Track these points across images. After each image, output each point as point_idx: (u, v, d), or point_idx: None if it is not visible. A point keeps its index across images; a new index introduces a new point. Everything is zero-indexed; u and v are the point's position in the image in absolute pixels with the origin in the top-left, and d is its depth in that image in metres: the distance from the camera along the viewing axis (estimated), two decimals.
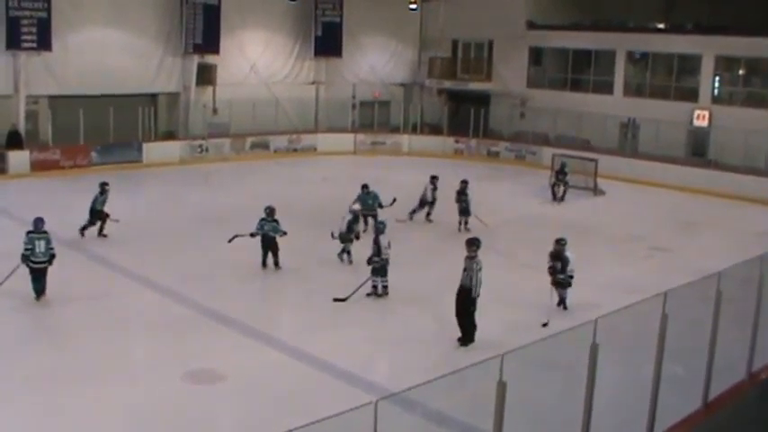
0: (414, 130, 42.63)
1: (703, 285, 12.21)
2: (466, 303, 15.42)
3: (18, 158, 32.55)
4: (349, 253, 20.69)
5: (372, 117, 43.15)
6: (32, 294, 17.22)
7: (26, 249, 17.49)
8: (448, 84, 44.15)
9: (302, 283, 19.27)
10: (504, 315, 17.54)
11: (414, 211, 26.43)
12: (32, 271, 17.39)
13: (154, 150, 36.09)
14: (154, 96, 38.25)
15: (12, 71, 33.35)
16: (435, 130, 42.93)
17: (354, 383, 13.31)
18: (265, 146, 39.59)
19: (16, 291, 17.14)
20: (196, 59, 38.11)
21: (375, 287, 17.93)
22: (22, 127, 33.65)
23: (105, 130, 34.17)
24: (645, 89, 38.64)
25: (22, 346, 15.30)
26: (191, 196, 29.95)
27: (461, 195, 25.95)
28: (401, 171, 35.81)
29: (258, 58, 40.36)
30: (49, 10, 33.19)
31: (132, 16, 36.44)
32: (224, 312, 16.86)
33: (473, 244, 15.94)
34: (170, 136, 38.38)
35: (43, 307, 16.94)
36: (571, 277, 18.20)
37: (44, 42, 33.38)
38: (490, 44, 43.30)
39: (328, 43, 41.93)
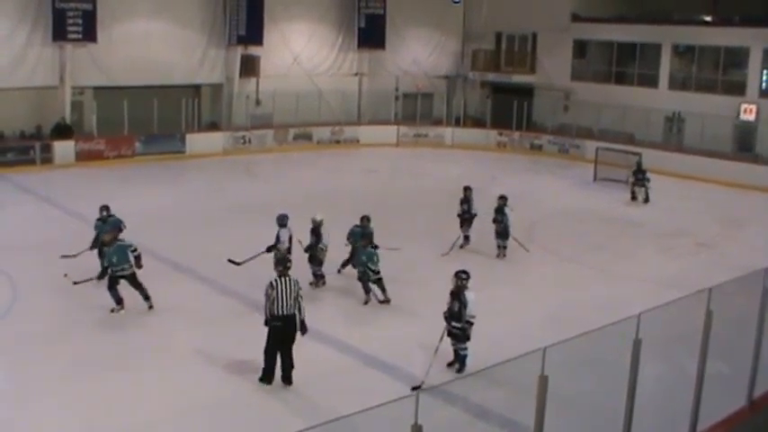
0: (457, 123, 42.49)
1: (749, 281, 12.05)
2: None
3: (63, 148, 32.89)
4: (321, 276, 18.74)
5: (415, 109, 43.05)
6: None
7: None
8: (491, 76, 43.93)
9: (348, 274, 19.07)
10: (546, 310, 17.43)
11: (459, 239, 22.18)
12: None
13: (197, 141, 36.32)
14: (197, 87, 38.46)
15: (58, 63, 33.65)
16: (478, 122, 42.74)
17: (397, 377, 13.27)
18: (308, 137, 39.67)
19: (58, 278, 17.27)
20: (240, 51, 38.20)
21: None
22: (67, 117, 33.99)
23: (149, 121, 34.46)
24: (690, 83, 38.17)
25: (65, 333, 15.43)
26: (233, 187, 30.09)
27: (499, 214, 21.68)
28: (444, 164, 35.77)
29: (301, 50, 40.39)
30: (94, 2, 33.47)
31: (177, 8, 36.66)
32: (254, 298, 16.71)
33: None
34: (213, 127, 38.58)
35: (84, 295, 17.06)
36: (469, 323, 13.84)
37: (90, 34, 33.65)
38: (534, 36, 43.01)
39: (371, 35, 41.88)
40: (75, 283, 16.81)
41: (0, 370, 14.19)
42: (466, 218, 22.14)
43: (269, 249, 17.90)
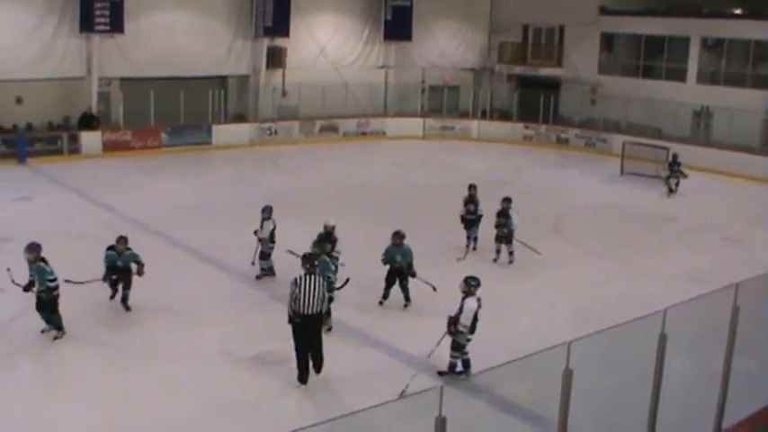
0: (483, 116, 42.37)
1: None
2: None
3: (90, 139, 33.11)
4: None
5: (442, 102, 43.00)
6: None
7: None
8: (518, 69, 43.80)
9: (372, 268, 18.92)
10: (571, 304, 17.37)
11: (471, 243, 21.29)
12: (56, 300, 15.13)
13: (223, 132, 36.44)
14: (224, 79, 38.55)
15: (85, 54, 33.82)
16: (505, 115, 42.59)
17: (423, 369, 13.24)
18: (334, 129, 39.71)
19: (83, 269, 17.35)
20: (266, 42, 38.27)
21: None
22: (94, 109, 34.17)
23: (176, 112, 34.59)
24: (719, 76, 37.85)
25: (89, 326, 15.51)
26: (259, 178, 30.16)
27: (503, 218, 20.21)
28: (470, 157, 35.71)
29: (328, 42, 40.39)
30: None
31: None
32: (284, 291, 16.70)
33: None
34: (239, 118, 38.66)
35: (106, 291, 17.18)
36: (460, 332, 13.35)
37: (117, 25, 33.77)
38: (561, 29, 42.81)
39: (398, 27, 41.80)
40: (69, 281, 15.76)
41: (25, 362, 14.31)
42: (471, 219, 21.07)
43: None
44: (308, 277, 13.20)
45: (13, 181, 28.07)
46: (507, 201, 20.28)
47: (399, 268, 16.58)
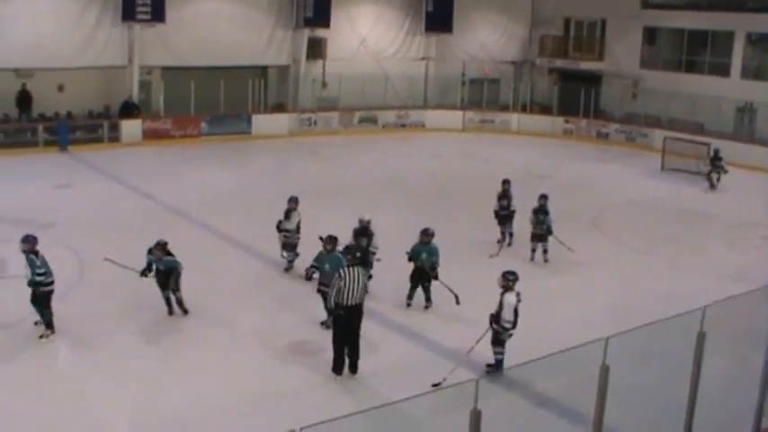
0: (523, 109, 42.10)
1: None
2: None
3: (131, 127, 33.36)
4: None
5: (482, 94, 42.82)
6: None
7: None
8: (559, 62, 43.44)
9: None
10: (609, 300, 17.27)
11: (506, 238, 20.97)
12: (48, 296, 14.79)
13: (263, 122, 36.57)
14: (264, 69, 38.65)
15: (126, 43, 34.04)
16: (545, 109, 42.34)
17: (461, 363, 13.18)
18: (373, 121, 39.71)
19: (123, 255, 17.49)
20: (306, 33, 38.28)
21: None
22: (135, 97, 34.42)
23: (215, 102, 34.74)
24: (764, 72, 37.34)
25: (128, 311, 15.62)
26: (298, 169, 30.22)
27: (539, 215, 19.68)
28: (509, 150, 35.58)
29: (368, 33, 40.33)
30: None
31: None
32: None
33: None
34: (279, 108, 38.75)
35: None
36: (503, 328, 13.28)
37: (158, 14, 33.97)
38: (603, 23, 42.43)
39: (439, 19, 41.63)
40: (109, 260, 16.07)
41: (66, 345, 14.45)
42: (504, 214, 20.79)
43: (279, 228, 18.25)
44: (351, 269, 13.20)
45: (54, 168, 28.39)
46: (544, 198, 19.80)
47: (422, 268, 16.20)
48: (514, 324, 13.16)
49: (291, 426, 6.85)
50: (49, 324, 14.40)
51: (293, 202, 18.40)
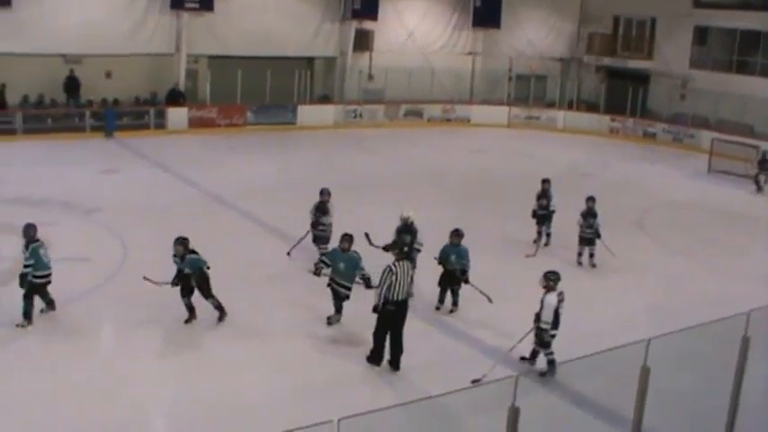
0: (569, 107, 41.89)
1: None
2: None
3: (177, 115, 33.58)
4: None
5: (528, 91, 42.64)
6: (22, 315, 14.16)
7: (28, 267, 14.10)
8: (607, 60, 43.10)
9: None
10: (651, 301, 17.09)
11: (542, 238, 20.53)
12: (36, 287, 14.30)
13: (308, 113, 36.64)
14: (311, 60, 38.75)
15: (174, 31, 34.29)
16: (591, 107, 42.06)
17: (502, 361, 13.11)
18: (419, 114, 39.66)
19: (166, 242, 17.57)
20: (354, 25, 38.32)
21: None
22: (182, 85, 34.66)
23: (261, 92, 34.89)
24: None
25: (170, 297, 15.67)
26: (343, 160, 30.24)
27: (588, 218, 19.11)
28: (555, 147, 35.37)
29: (415, 27, 40.30)
30: None
31: None
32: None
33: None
34: (325, 100, 38.85)
35: None
36: (542, 329, 13.18)
37: (207, 3, 34.20)
38: (653, 21, 42.02)
39: (487, 14, 41.49)
40: (148, 279, 14.85)
41: (107, 329, 14.57)
42: (543, 214, 20.28)
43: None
44: (400, 263, 13.17)
45: (100, 154, 28.70)
46: (592, 200, 19.20)
47: (452, 271, 15.75)
48: (555, 325, 13.05)
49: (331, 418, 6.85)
50: (25, 314, 14.02)
51: (327, 194, 18.22)
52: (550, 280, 13.15)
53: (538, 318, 13.12)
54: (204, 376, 12.67)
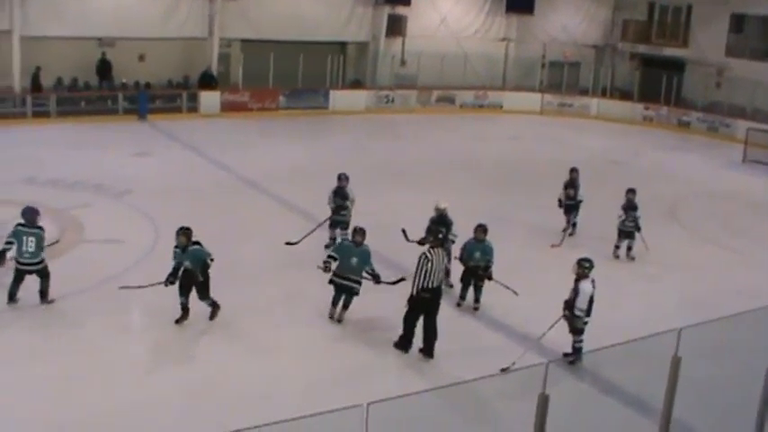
0: (603, 94, 41.57)
1: None
2: None
3: (209, 99, 33.68)
4: None
5: (561, 78, 42.34)
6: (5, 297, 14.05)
7: (7, 243, 13.84)
8: (641, 48, 42.73)
9: None
10: (682, 291, 16.97)
11: (569, 228, 20.09)
12: (16, 271, 13.96)
13: (340, 98, 36.65)
14: (343, 45, 38.75)
15: (207, 15, 34.35)
16: (625, 95, 41.72)
17: (532, 348, 13.05)
18: (451, 100, 39.55)
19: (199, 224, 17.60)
20: (387, 10, 38.22)
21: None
22: (214, 69, 34.74)
23: (294, 76, 34.93)
24: None
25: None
26: (375, 146, 30.22)
27: (629, 211, 18.71)
28: (588, 135, 35.21)
29: (449, 12, 40.13)
30: None
31: None
32: (396, 261, 16.51)
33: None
34: (357, 85, 38.83)
35: (223, 241, 17.43)
36: (576, 316, 13.02)
37: None
38: (689, 8, 41.56)
39: (521, 0, 41.28)
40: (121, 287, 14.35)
41: (138, 312, 14.61)
42: (570, 204, 19.87)
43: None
44: (435, 251, 13.10)
45: (133, 136, 28.85)
46: (632, 192, 18.76)
47: (475, 267, 15.18)
48: (588, 312, 12.97)
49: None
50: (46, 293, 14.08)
51: (345, 179, 18.08)
52: (585, 267, 13.03)
53: (568, 305, 13.03)
54: (233, 359, 12.70)
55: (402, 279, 14.22)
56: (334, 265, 14.27)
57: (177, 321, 13.74)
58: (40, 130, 28.60)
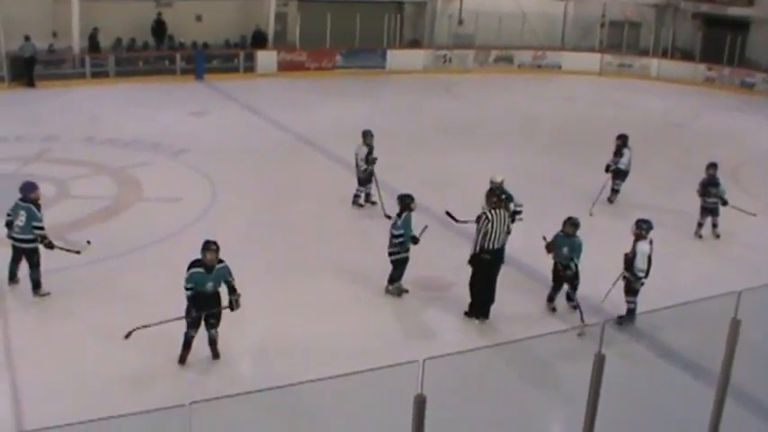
0: (664, 55, 40.81)
1: None
2: None
3: (266, 58, 33.79)
4: None
5: (621, 38, 41.62)
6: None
7: (8, 216, 13.21)
8: (704, 7, 41.80)
9: (541, 203, 17.07)
10: (743, 255, 16.70)
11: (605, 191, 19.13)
12: (12, 247, 13.28)
13: (397, 58, 36.50)
14: (401, 4, 38.55)
15: None
16: (686, 55, 40.91)
17: (590, 310, 12.93)
18: (509, 60, 39.18)
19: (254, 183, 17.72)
20: None
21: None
22: (271, 28, 34.77)
23: (351, 36, 34.88)
24: None
25: (257, 238, 15.79)
26: (432, 106, 30.11)
27: (710, 187, 17.43)
28: (647, 96, 34.61)
29: None
30: None
31: None
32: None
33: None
34: (414, 44, 38.64)
35: (278, 202, 17.47)
36: (635, 276, 12.83)
37: None
38: None
39: None
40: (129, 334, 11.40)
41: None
42: (615, 170, 19.00)
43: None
44: (496, 211, 12.84)
45: (190, 96, 29.09)
46: (714, 167, 17.41)
47: (557, 264, 13.73)
48: (647, 273, 12.82)
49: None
50: (38, 284, 13.17)
51: (371, 136, 17.89)
52: (642, 228, 12.86)
53: (630, 265, 12.86)
54: (290, 317, 12.70)
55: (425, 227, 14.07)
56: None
57: (181, 361, 11.27)
58: (99, 91, 28.94)
